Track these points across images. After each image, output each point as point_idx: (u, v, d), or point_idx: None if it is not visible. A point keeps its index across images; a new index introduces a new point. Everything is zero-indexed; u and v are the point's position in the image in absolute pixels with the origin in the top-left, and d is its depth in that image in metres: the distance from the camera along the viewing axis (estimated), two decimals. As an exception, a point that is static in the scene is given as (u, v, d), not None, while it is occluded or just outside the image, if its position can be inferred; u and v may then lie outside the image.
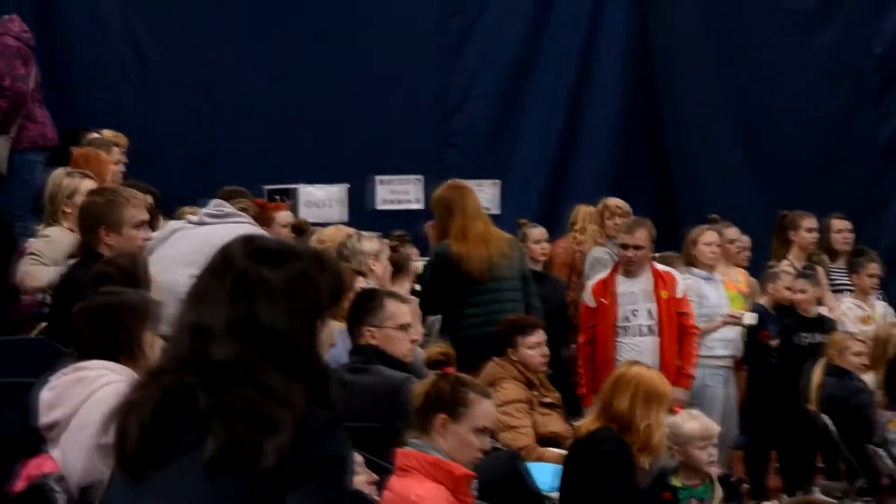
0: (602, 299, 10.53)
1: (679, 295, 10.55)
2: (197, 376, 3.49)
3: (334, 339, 7.89)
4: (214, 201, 8.31)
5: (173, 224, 8.64)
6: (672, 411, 8.07)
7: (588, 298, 10.73)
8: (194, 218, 8.31)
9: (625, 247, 10.67)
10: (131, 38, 15.15)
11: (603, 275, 10.79)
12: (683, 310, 10.54)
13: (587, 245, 12.45)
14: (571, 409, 9.82)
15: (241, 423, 3.40)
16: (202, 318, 3.58)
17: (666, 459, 7.85)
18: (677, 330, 10.39)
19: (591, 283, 10.84)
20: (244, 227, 7.69)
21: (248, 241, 3.73)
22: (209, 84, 15.17)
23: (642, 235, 10.53)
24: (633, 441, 7.43)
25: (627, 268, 10.60)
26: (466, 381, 6.44)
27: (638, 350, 10.21)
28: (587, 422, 7.64)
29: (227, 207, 8.10)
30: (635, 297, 10.45)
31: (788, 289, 12.14)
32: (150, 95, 15.04)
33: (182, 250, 7.87)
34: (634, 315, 10.41)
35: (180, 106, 15.05)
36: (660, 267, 10.69)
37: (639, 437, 7.44)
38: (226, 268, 3.69)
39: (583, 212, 12.77)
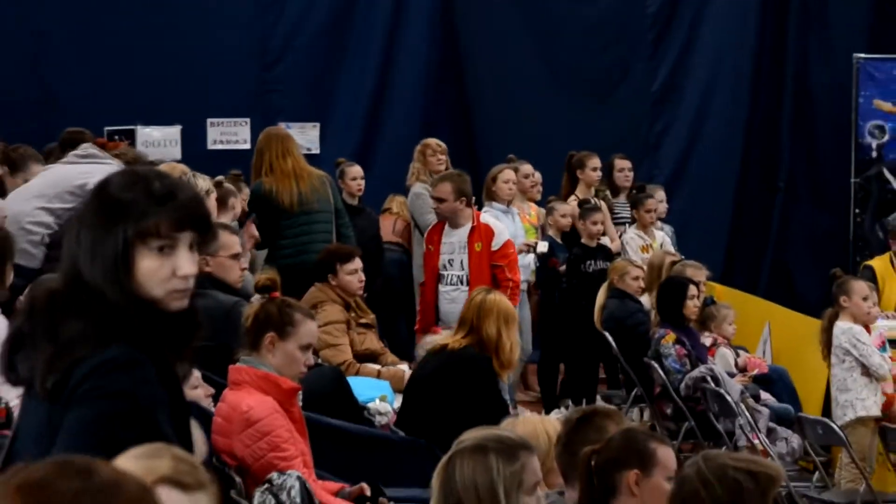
0: (430, 246, 10.45)
1: (496, 247, 10.16)
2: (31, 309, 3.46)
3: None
4: (83, 144, 8.15)
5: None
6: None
7: (425, 244, 10.67)
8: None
9: (432, 199, 10.63)
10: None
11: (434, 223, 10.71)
12: (499, 263, 10.15)
13: (411, 179, 12.48)
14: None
15: (39, 360, 3.33)
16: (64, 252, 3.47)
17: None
18: (490, 282, 9.80)
19: (427, 230, 10.77)
20: (101, 167, 7.59)
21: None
22: (47, 32, 14.85)
23: (444, 189, 10.24)
24: (500, 360, 7.51)
25: (440, 219, 10.46)
26: (292, 303, 6.48)
27: (450, 298, 10.13)
28: (454, 340, 7.66)
29: (94, 150, 7.95)
30: (452, 247, 10.26)
31: (563, 216, 12.33)
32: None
33: (37, 184, 7.78)
34: (451, 264, 10.25)
35: (18, 53, 14.74)
36: (484, 219, 10.40)
37: (504, 356, 7.52)
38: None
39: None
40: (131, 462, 2.86)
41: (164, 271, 3.36)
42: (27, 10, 14.75)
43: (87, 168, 7.65)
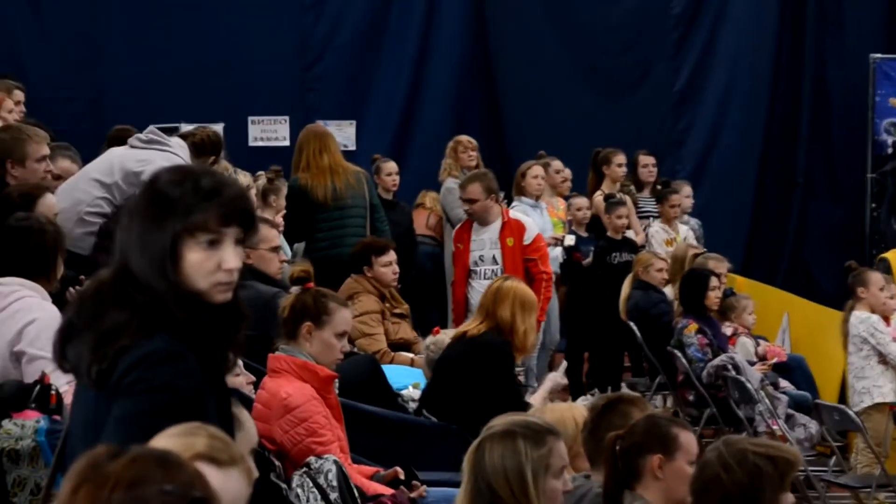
0: (459, 244, 10.41)
1: (528, 242, 10.13)
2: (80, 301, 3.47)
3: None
4: (149, 128, 8.09)
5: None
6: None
7: (454, 243, 10.62)
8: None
9: (462, 202, 10.59)
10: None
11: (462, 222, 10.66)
12: (532, 257, 10.11)
13: (443, 175, 12.48)
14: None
15: (84, 349, 3.34)
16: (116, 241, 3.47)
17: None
18: (524, 276, 9.69)
19: (455, 230, 10.71)
20: (160, 154, 7.58)
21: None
22: (98, 34, 14.98)
23: (474, 189, 10.21)
24: (513, 343, 7.49)
25: (470, 219, 10.41)
26: (326, 293, 6.48)
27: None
28: (472, 326, 7.65)
29: (156, 136, 7.88)
30: (483, 244, 10.21)
31: (578, 210, 12.29)
32: (44, 44, 14.84)
33: (96, 168, 7.77)
34: (482, 260, 10.21)
35: (72, 54, 14.86)
36: (513, 215, 10.38)
37: (518, 339, 7.50)
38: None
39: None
40: (169, 440, 2.89)
41: (210, 264, 3.35)
42: (81, 15, 14.88)
43: (146, 155, 7.61)
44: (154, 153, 7.58)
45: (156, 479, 2.45)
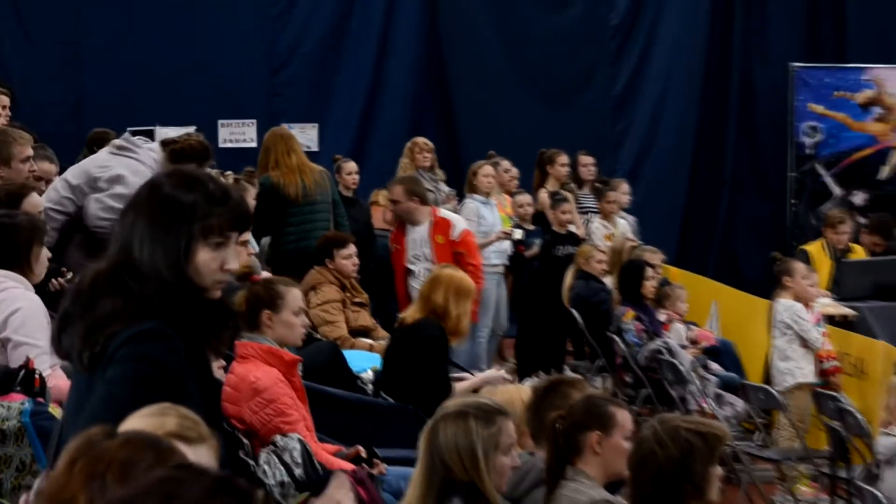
0: (395, 245, 10.32)
1: (455, 237, 9.95)
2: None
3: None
4: (124, 134, 8.02)
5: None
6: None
7: (390, 244, 10.51)
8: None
9: (389, 202, 10.47)
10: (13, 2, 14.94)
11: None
12: (460, 250, 9.91)
13: (400, 174, 12.46)
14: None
15: (79, 336, 3.36)
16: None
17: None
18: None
19: (391, 232, 10.60)
20: (123, 160, 7.54)
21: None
22: (79, 41, 14.93)
23: (396, 191, 10.09)
24: (447, 327, 7.48)
25: (399, 220, 10.24)
26: (273, 279, 6.52)
27: None
28: (410, 313, 7.65)
29: (129, 143, 7.77)
30: (416, 244, 10.08)
31: (520, 206, 12.27)
32: (28, 50, 14.78)
33: (71, 169, 7.74)
34: (417, 259, 10.07)
35: (54, 60, 14.80)
36: (441, 213, 10.22)
37: (451, 324, 7.48)
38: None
39: None
40: (142, 420, 2.92)
41: (216, 264, 3.42)
42: (63, 23, 14.84)
43: (109, 161, 7.58)
44: (117, 159, 7.55)
45: (147, 461, 2.48)
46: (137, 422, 2.89)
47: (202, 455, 2.93)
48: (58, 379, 5.19)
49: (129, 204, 3.52)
